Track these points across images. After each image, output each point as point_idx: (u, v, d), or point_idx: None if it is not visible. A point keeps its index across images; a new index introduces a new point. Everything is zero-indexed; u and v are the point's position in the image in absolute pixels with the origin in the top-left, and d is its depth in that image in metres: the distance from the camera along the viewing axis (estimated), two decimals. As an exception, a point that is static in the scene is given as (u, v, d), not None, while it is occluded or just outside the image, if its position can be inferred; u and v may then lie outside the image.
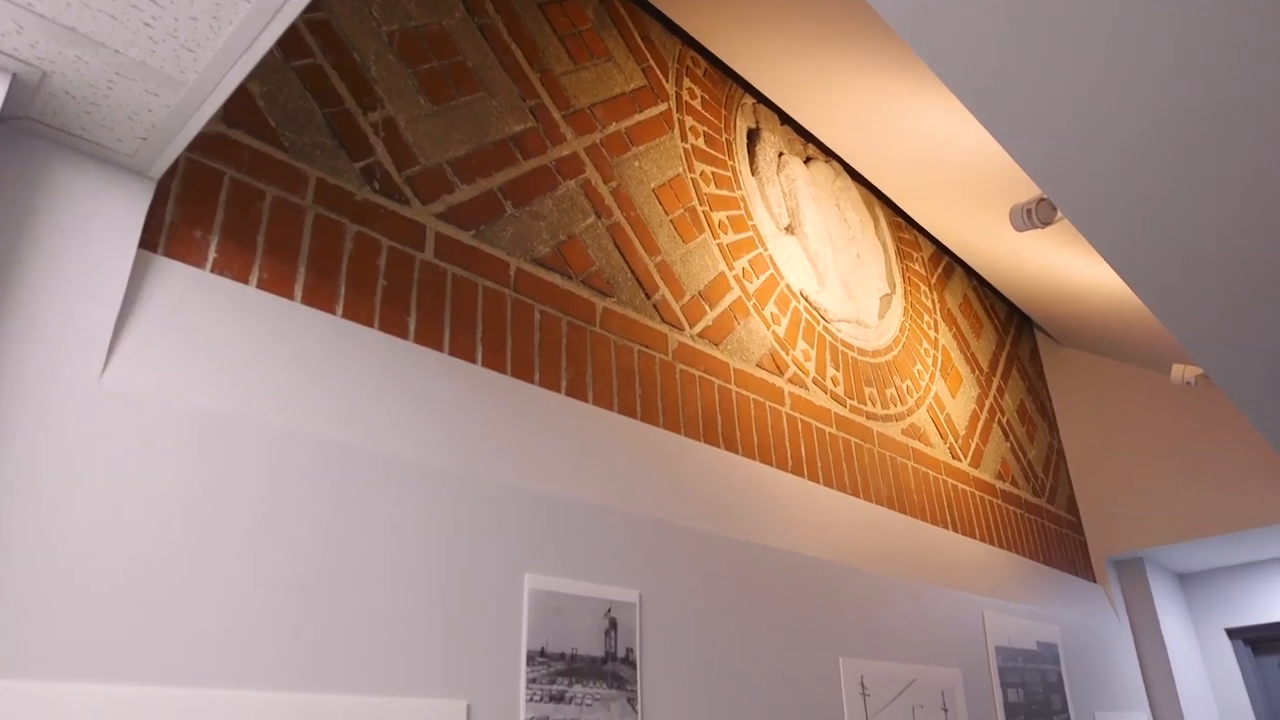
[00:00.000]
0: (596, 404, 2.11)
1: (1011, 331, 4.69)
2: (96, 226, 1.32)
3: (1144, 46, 1.31)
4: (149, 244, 1.45)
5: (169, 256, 1.46)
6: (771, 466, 2.56)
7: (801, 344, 2.94)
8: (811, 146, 3.52)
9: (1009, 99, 1.44)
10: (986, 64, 1.37)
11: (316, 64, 1.82)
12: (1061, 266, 3.89)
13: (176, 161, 1.54)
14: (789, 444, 2.68)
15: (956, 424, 3.72)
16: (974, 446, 3.79)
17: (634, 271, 2.39)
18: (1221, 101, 1.42)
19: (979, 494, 3.65)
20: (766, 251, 2.96)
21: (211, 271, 1.51)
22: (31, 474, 1.17)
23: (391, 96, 1.95)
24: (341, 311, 1.68)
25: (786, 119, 3.43)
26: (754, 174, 3.10)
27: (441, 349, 1.82)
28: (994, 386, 4.22)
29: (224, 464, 1.37)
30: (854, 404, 3.08)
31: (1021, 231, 2.99)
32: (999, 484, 3.86)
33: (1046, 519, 4.16)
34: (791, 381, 2.82)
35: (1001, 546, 3.63)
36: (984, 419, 3.99)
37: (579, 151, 2.39)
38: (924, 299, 3.91)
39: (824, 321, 3.13)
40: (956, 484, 3.51)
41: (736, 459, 2.44)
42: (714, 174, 2.89)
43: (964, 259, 4.34)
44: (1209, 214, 1.72)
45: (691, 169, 2.79)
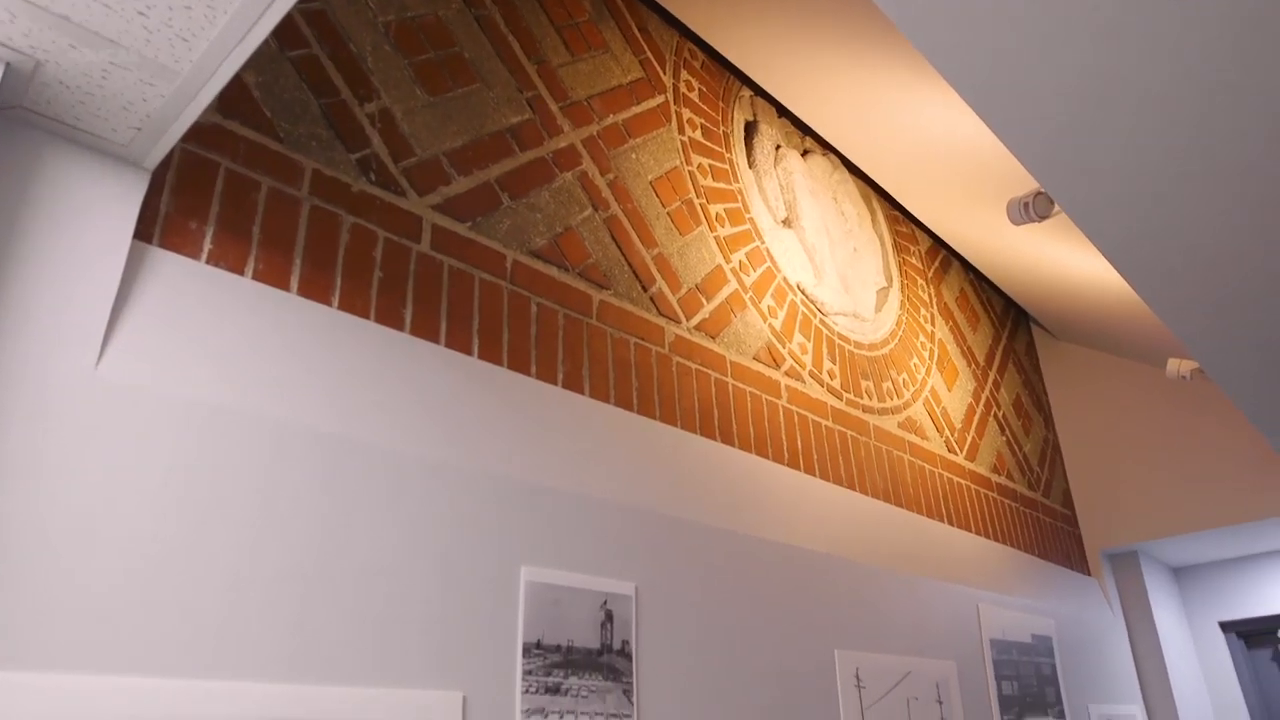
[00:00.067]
0: (593, 397, 2.11)
1: (1008, 325, 4.70)
2: (91, 217, 1.32)
3: (1142, 40, 1.31)
4: (144, 235, 1.44)
5: (164, 248, 1.46)
6: (768, 459, 2.56)
7: (798, 337, 2.94)
8: (809, 139, 3.52)
9: (1006, 92, 1.44)
10: (984, 57, 1.37)
11: (312, 54, 1.81)
12: (1058, 260, 3.89)
13: (171, 152, 1.53)
14: (785, 437, 2.68)
15: (952, 417, 3.73)
16: (970, 440, 3.79)
17: (631, 264, 2.39)
18: (1219, 96, 1.42)
19: (974, 487, 3.66)
20: (763, 244, 2.96)
21: (207, 263, 1.51)
22: (27, 465, 1.17)
23: (388, 87, 1.94)
24: (337, 303, 1.68)
25: (784, 112, 3.42)
26: (751, 167, 3.09)
27: (438, 341, 1.82)
28: (990, 380, 4.22)
29: (220, 455, 1.37)
30: (850, 397, 3.09)
31: (1019, 225, 2.99)
32: (994, 477, 3.87)
33: (1042, 512, 4.17)
34: (788, 375, 2.82)
35: (997, 540, 3.64)
36: (980, 413, 3.99)
37: (576, 143, 2.39)
38: (921, 292, 3.91)
39: (821, 315, 3.13)
40: (952, 477, 3.52)
41: (733, 452, 2.44)
42: (711, 167, 2.89)
43: (961, 253, 4.35)
44: (1206, 208, 1.72)
45: (689, 161, 2.79)
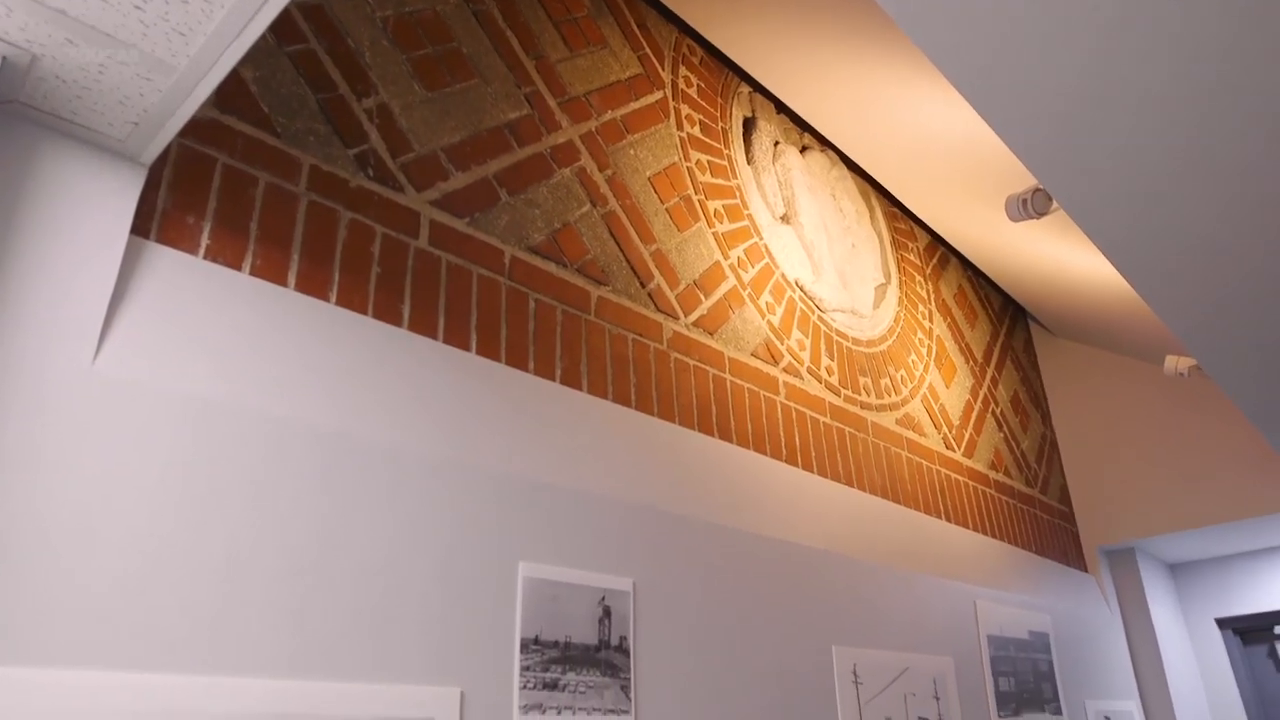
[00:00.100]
0: (591, 393, 2.11)
1: (1006, 322, 4.70)
2: (88, 212, 1.31)
3: (1142, 38, 1.31)
4: (141, 230, 1.44)
5: (161, 243, 1.46)
6: (766, 456, 2.56)
7: (796, 333, 2.94)
8: (807, 136, 3.52)
9: (1006, 89, 1.44)
10: (984, 54, 1.37)
11: (310, 49, 1.81)
12: (1056, 257, 3.89)
13: (169, 147, 1.53)
14: (783, 433, 2.68)
15: (950, 414, 3.73)
16: (967, 437, 3.80)
17: (629, 260, 2.39)
18: (1219, 93, 1.42)
19: (972, 484, 3.66)
20: (762, 241, 2.96)
21: (204, 258, 1.51)
22: (24, 461, 1.17)
23: (386, 83, 1.94)
24: (335, 299, 1.67)
25: (783, 108, 3.42)
26: (750, 163, 3.09)
27: (436, 337, 1.82)
28: (988, 377, 4.23)
29: (217, 451, 1.36)
30: (848, 394, 3.09)
31: (1017, 222, 2.99)
32: (992, 474, 3.87)
33: (1039, 509, 4.18)
34: (786, 371, 2.82)
35: (994, 536, 3.65)
36: (978, 409, 4.00)
37: (574, 139, 2.38)
38: (919, 289, 3.91)
39: (819, 311, 3.13)
40: (950, 474, 3.52)
41: (731, 448, 2.44)
42: (710, 163, 2.88)
43: (959, 249, 4.35)
44: (1205, 205, 1.72)
45: (687, 157, 2.79)
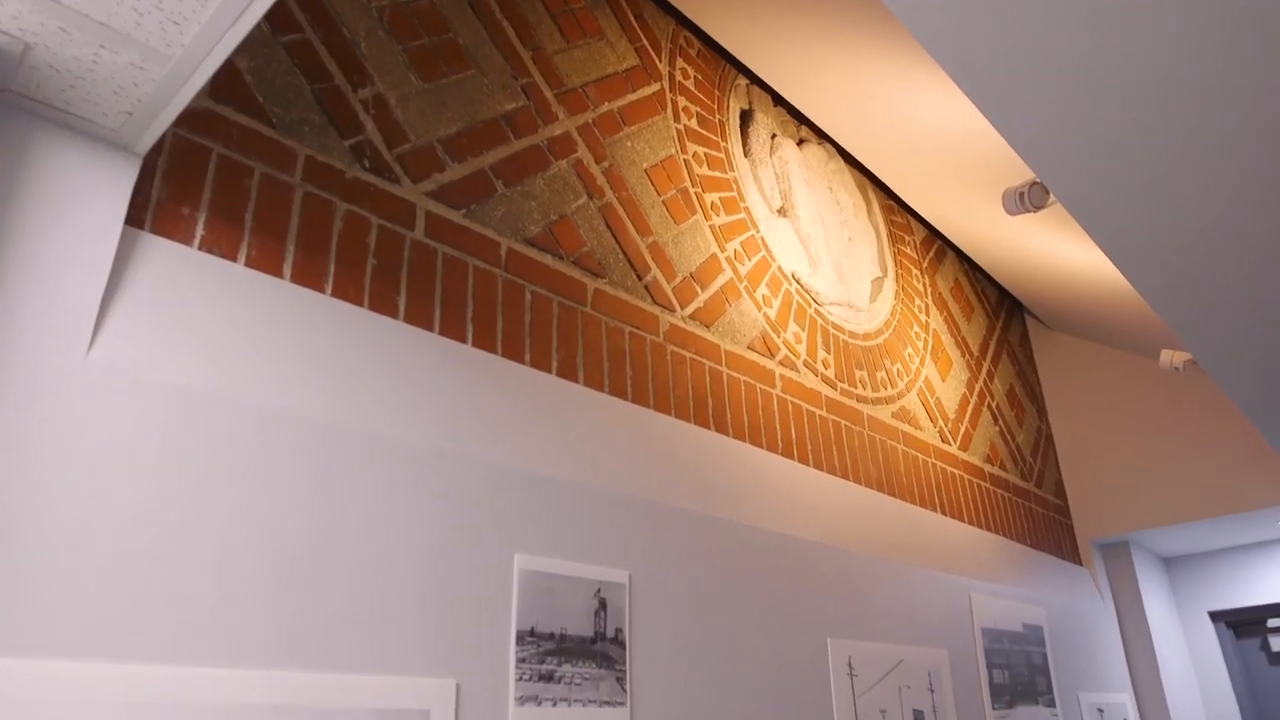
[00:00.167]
0: (587, 385, 2.11)
1: (1002, 316, 4.71)
2: (82, 202, 1.31)
3: (1139, 30, 1.31)
4: (135, 221, 1.43)
5: (156, 233, 1.45)
6: (762, 448, 2.57)
7: (793, 326, 2.94)
8: (805, 129, 3.51)
9: (1003, 81, 1.44)
10: (982, 47, 1.37)
11: (305, 39, 1.80)
12: (1053, 251, 3.90)
13: (163, 137, 1.52)
14: (779, 426, 2.68)
15: (946, 407, 3.74)
16: (963, 430, 3.80)
17: (625, 252, 2.38)
18: (1217, 86, 1.42)
19: (967, 477, 3.67)
20: (758, 234, 2.95)
21: (199, 249, 1.50)
22: (17, 450, 1.17)
23: (382, 73, 1.93)
24: (331, 290, 1.67)
25: (780, 100, 3.41)
26: (747, 156, 3.09)
27: (432, 329, 1.82)
28: (984, 370, 4.23)
29: (212, 442, 1.36)
30: (844, 387, 3.09)
31: (1014, 215, 2.99)
32: (987, 467, 3.88)
33: (1034, 502, 4.19)
34: (782, 364, 2.82)
35: (989, 529, 3.66)
36: (973, 403, 4.00)
37: (571, 131, 2.37)
38: (915, 282, 3.91)
39: (815, 304, 3.13)
40: (945, 467, 3.53)
41: (727, 441, 2.44)
42: (706, 155, 2.88)
43: (956, 243, 4.35)
44: (1202, 199, 1.72)
45: (684, 150, 2.78)
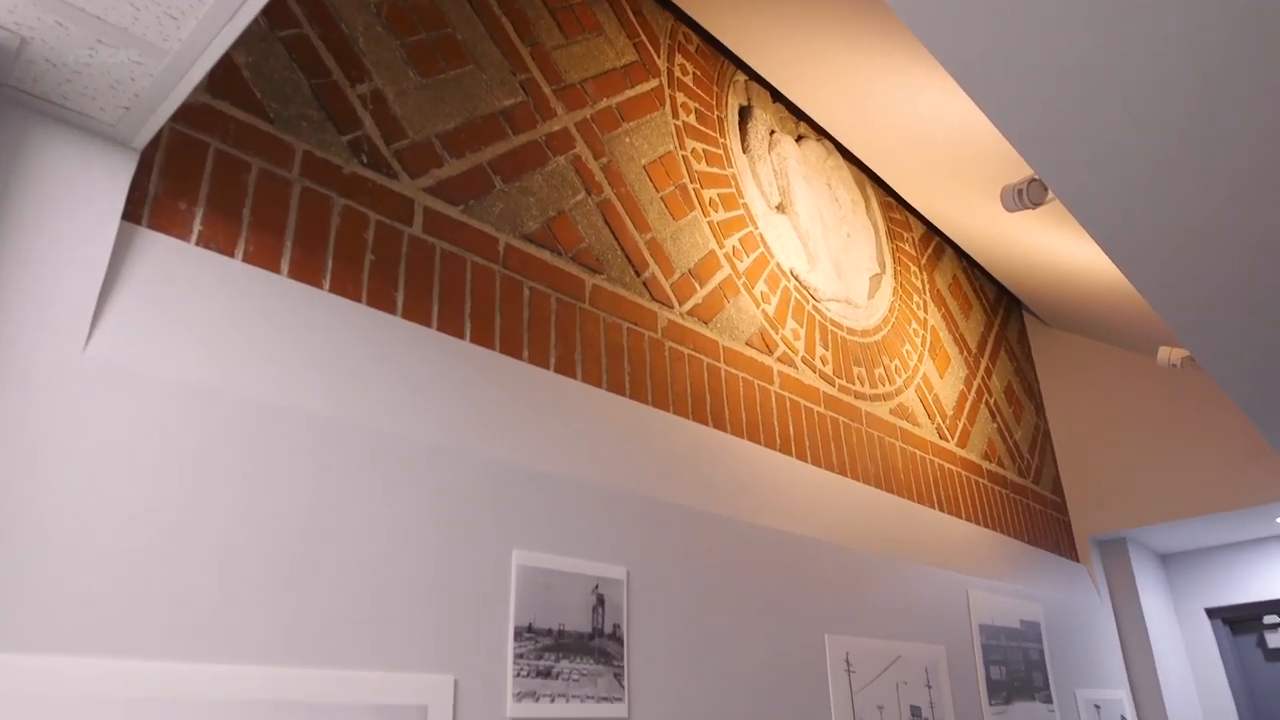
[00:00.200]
0: (585, 381, 2.11)
1: (1000, 313, 4.71)
2: (79, 197, 1.30)
3: (1139, 26, 1.31)
4: (133, 216, 1.43)
5: (153, 228, 1.45)
6: (760, 445, 2.57)
7: (791, 323, 2.94)
8: (803, 125, 3.51)
9: (1003, 78, 1.43)
10: (981, 43, 1.36)
11: (303, 34, 1.80)
12: (1051, 248, 3.90)
13: (160, 132, 1.52)
14: (777, 423, 2.68)
15: (944, 404, 3.74)
16: (961, 427, 3.81)
17: (624, 249, 2.38)
18: (1216, 82, 1.42)
19: (965, 474, 3.67)
20: (757, 230, 2.95)
21: (197, 244, 1.50)
22: (14, 445, 1.16)
23: (380, 69, 1.92)
24: (328, 286, 1.67)
25: (779, 97, 3.41)
26: (745, 152, 3.08)
27: (429, 324, 1.81)
28: (982, 367, 4.23)
29: (209, 438, 1.36)
30: (842, 383, 3.09)
31: (1012, 212, 2.99)
32: (985, 464, 3.89)
33: (1031, 499, 4.19)
34: (780, 360, 2.82)
35: (987, 526, 3.66)
36: (971, 399, 4.00)
37: (569, 127, 2.37)
38: (914, 279, 3.91)
39: (814, 301, 3.12)
40: (943, 464, 3.53)
41: (725, 437, 2.44)
42: (705, 151, 2.88)
43: (954, 240, 4.35)
44: (1200, 195, 1.72)
45: (683, 146, 2.78)
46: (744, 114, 3.16)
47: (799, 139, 3.42)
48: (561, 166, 2.29)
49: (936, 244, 4.28)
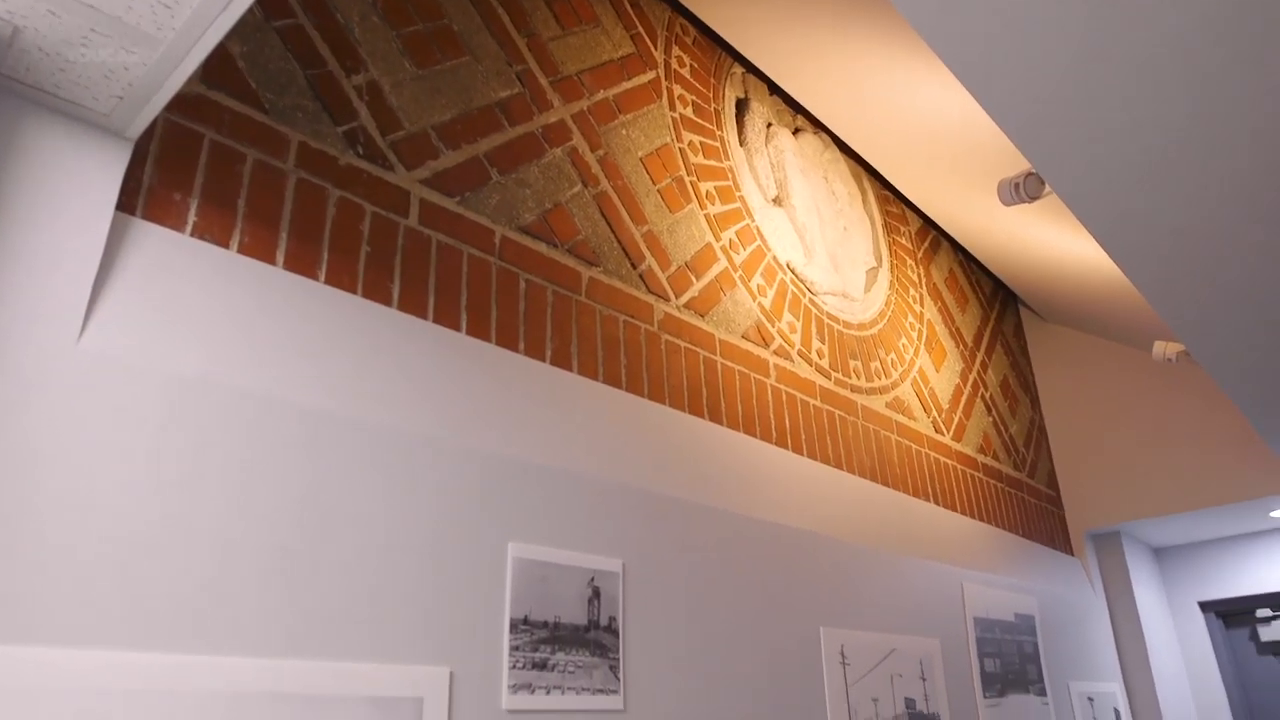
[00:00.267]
0: (581, 373, 2.11)
1: (996, 307, 4.71)
2: (73, 188, 1.30)
3: (1137, 20, 1.30)
4: (127, 206, 1.42)
5: (147, 219, 1.44)
6: (756, 438, 2.57)
7: (787, 316, 2.94)
8: (800, 118, 3.50)
9: (1000, 71, 1.43)
10: (979, 36, 1.36)
11: (298, 24, 1.79)
12: (1047, 242, 3.90)
13: (155, 122, 1.51)
14: (773, 416, 2.68)
15: (940, 398, 3.74)
16: (957, 420, 3.81)
17: (620, 241, 2.38)
18: (1214, 77, 1.42)
19: (961, 468, 3.68)
20: (754, 223, 2.95)
21: (191, 235, 1.49)
22: (8, 437, 1.16)
23: (375, 59, 1.92)
24: (324, 277, 1.66)
25: (776, 89, 3.40)
26: (742, 145, 3.08)
27: (425, 316, 1.81)
28: (978, 361, 4.24)
29: (204, 429, 1.36)
30: (839, 377, 3.09)
31: (1009, 206, 2.99)
32: (981, 458, 3.89)
33: (1027, 493, 4.20)
34: (777, 353, 2.82)
35: (982, 520, 3.67)
36: (967, 393, 4.01)
37: (566, 119, 2.36)
38: (910, 273, 3.91)
39: (810, 294, 3.12)
40: (939, 457, 3.54)
41: (721, 430, 2.45)
42: (702, 144, 2.87)
43: (951, 233, 4.35)
44: (1198, 189, 1.72)
45: (679, 138, 2.77)
46: (741, 107, 3.16)
47: (796, 132, 3.42)
48: (558, 159, 2.28)
49: (933, 238, 4.28)
